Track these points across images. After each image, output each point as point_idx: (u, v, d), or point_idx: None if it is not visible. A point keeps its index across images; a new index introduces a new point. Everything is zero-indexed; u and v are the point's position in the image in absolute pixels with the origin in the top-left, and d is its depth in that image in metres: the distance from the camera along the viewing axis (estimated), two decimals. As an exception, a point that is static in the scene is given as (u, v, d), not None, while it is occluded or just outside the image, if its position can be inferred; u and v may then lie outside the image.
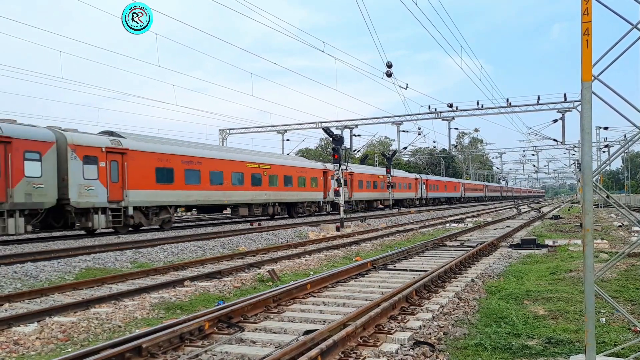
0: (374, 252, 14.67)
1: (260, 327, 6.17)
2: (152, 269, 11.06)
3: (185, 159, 22.88)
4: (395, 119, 45.67)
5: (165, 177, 21.61)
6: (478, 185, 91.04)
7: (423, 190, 56.74)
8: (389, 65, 23.52)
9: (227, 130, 48.42)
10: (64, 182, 17.41)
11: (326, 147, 75.66)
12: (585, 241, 3.88)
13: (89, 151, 18.21)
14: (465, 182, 79.11)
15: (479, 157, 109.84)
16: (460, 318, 6.55)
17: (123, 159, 19.50)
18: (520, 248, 14.49)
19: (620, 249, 13.23)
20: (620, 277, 9.10)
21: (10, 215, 15.95)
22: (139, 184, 20.07)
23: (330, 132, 24.83)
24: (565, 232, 20.37)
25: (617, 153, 5.11)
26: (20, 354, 5.57)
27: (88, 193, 18.04)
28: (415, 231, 22.11)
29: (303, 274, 10.71)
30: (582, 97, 3.85)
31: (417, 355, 4.97)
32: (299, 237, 19.41)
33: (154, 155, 21.11)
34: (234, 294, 8.88)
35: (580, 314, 6.41)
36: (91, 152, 18.29)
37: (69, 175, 17.45)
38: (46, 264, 11.34)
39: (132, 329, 6.49)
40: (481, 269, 10.71)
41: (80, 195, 17.79)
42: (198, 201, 23.94)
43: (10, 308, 7.75)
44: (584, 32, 3.77)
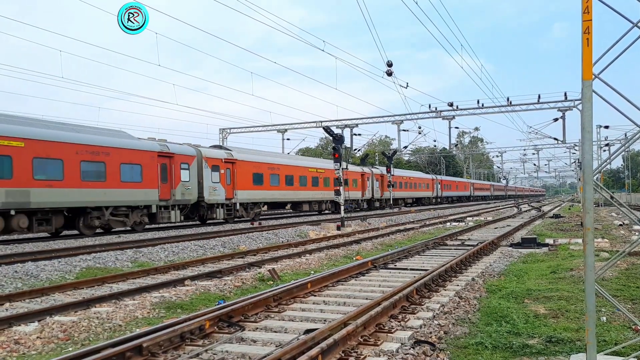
0: (375, 251, 14.67)
1: (261, 327, 6.17)
2: (153, 268, 11.07)
3: (270, 165, 29.52)
4: (396, 118, 45.59)
5: (258, 180, 28.26)
6: (485, 185, 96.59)
7: (438, 190, 62.31)
8: (389, 64, 23.51)
9: (227, 129, 48.40)
10: (200, 185, 23.52)
11: (326, 146, 75.64)
12: (585, 240, 3.88)
13: (215, 162, 24.75)
14: (474, 182, 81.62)
15: (479, 156, 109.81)
16: (461, 317, 6.55)
17: (233, 167, 26.09)
18: (521, 247, 14.49)
19: (621, 247, 13.23)
20: (621, 275, 9.10)
21: (172, 209, 22.28)
22: (243, 186, 26.67)
23: (330, 132, 24.82)
24: (565, 231, 20.36)
25: (618, 152, 5.11)
26: (21, 353, 5.58)
27: (214, 193, 24.48)
28: (416, 230, 22.11)
29: (304, 273, 10.71)
30: (582, 96, 3.84)
31: (417, 354, 4.97)
32: (300, 236, 19.42)
33: (251, 164, 27.87)
34: (235, 293, 8.88)
35: (581, 313, 6.41)
36: (216, 162, 24.83)
37: (204, 179, 23.75)
38: (47, 264, 11.35)
39: (133, 328, 6.49)
40: (482, 268, 10.71)
41: (210, 194, 24.21)
42: (277, 198, 30.61)
43: (11, 307, 7.76)
44: (585, 31, 3.77)
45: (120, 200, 19.84)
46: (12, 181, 16.04)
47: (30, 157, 16.58)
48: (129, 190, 20.11)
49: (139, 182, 20.62)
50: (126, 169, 20.00)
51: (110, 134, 21.00)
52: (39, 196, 16.74)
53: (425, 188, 58.21)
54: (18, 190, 16.16)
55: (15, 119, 17.94)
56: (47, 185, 17.01)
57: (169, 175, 21.72)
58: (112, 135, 20.87)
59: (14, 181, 16.07)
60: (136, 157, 20.51)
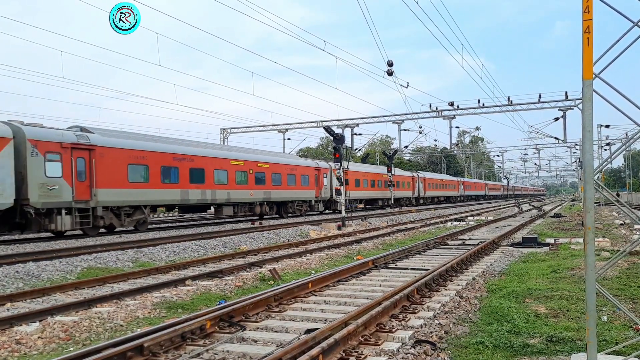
0: (375, 251, 14.67)
1: (262, 326, 6.17)
2: (154, 268, 11.07)
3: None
4: (396, 117, 45.59)
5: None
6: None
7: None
8: (389, 63, 23.48)
9: (228, 129, 48.44)
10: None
11: (327, 145, 75.61)
12: (586, 239, 3.88)
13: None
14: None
15: (480, 156, 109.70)
16: (462, 316, 6.55)
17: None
18: (522, 246, 14.48)
19: (622, 247, 13.21)
20: (622, 275, 9.10)
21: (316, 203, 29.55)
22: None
23: (331, 131, 24.81)
24: (566, 231, 20.35)
25: (619, 151, 5.10)
26: (23, 353, 5.58)
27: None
28: (417, 230, 22.10)
29: (304, 273, 10.72)
30: (583, 95, 3.84)
31: (418, 354, 4.97)
32: (300, 236, 19.42)
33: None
34: (236, 293, 8.89)
35: (582, 312, 6.41)
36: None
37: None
38: (48, 264, 11.36)
39: (134, 328, 6.50)
40: (482, 267, 10.71)
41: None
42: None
43: (12, 307, 7.77)
44: (585, 30, 3.76)
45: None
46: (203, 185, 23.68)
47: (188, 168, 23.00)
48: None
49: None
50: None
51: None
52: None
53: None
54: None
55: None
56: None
57: (314, 181, 19.91)
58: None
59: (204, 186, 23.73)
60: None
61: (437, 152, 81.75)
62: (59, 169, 17.48)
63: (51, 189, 17.18)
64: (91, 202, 18.41)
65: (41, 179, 16.91)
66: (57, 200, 17.30)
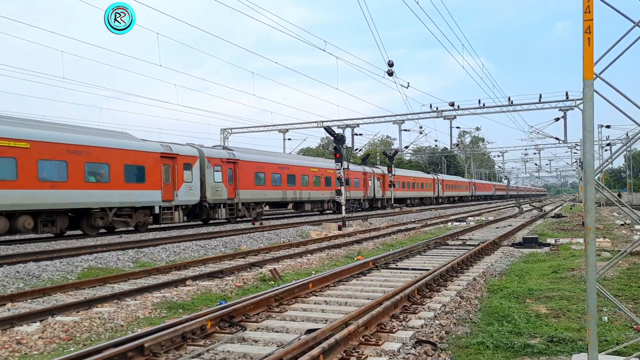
0: (376, 251, 14.67)
1: (262, 326, 6.17)
2: (154, 269, 11.07)
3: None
4: (397, 118, 45.56)
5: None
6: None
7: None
8: (390, 64, 23.49)
9: (228, 129, 48.42)
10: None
11: (327, 146, 75.60)
12: (587, 239, 3.87)
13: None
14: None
15: (480, 156, 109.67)
16: (462, 317, 6.55)
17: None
18: (522, 247, 14.47)
19: (623, 247, 13.21)
20: (623, 275, 9.09)
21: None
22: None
23: (331, 132, 24.80)
24: (567, 231, 20.34)
25: (619, 151, 5.10)
26: (23, 353, 5.59)
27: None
28: (417, 230, 22.10)
29: (305, 273, 10.71)
30: (583, 96, 3.83)
31: (419, 354, 4.97)
32: (301, 236, 19.42)
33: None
34: (236, 293, 8.89)
35: (583, 313, 6.40)
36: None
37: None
38: (48, 264, 11.36)
39: (135, 329, 6.50)
40: (483, 267, 10.71)
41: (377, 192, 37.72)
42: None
43: (13, 308, 7.77)
44: (586, 30, 3.76)
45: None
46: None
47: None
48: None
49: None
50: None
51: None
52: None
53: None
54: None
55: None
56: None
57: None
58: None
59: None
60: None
61: (437, 153, 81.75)
62: (220, 176, 25.09)
63: (217, 190, 24.77)
64: (235, 199, 26.09)
65: (212, 184, 24.44)
66: (220, 198, 25.06)
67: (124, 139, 20.83)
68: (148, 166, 20.72)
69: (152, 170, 20.86)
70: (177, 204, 22.26)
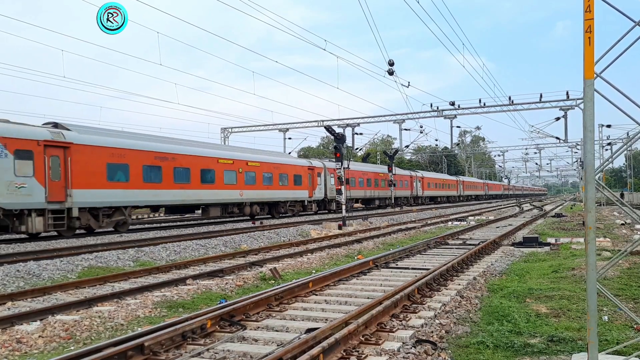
0: (376, 251, 14.67)
1: (263, 326, 6.18)
2: (155, 268, 11.08)
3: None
4: (397, 117, 45.57)
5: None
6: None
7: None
8: (390, 63, 23.48)
9: (229, 129, 48.44)
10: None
11: (328, 145, 75.60)
12: (587, 239, 3.87)
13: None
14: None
15: (481, 156, 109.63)
16: (463, 316, 6.55)
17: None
18: (523, 246, 14.47)
19: (623, 247, 13.20)
20: (623, 275, 9.09)
21: None
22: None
23: (332, 131, 24.81)
24: (567, 230, 20.33)
25: (620, 151, 5.09)
26: (23, 352, 5.59)
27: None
28: (417, 229, 22.09)
29: (305, 273, 10.72)
30: (584, 95, 3.83)
31: (419, 354, 4.97)
32: (301, 235, 19.43)
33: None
34: (236, 292, 8.89)
35: (583, 312, 6.40)
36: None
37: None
38: (49, 263, 11.37)
39: (135, 328, 6.51)
40: (483, 267, 10.70)
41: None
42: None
43: (13, 306, 7.78)
44: (587, 30, 3.76)
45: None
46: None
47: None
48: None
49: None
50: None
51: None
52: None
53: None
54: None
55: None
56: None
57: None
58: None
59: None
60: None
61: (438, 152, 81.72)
62: (322, 180, 34.83)
63: (320, 190, 34.50)
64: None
65: (328, 187, 35.20)
66: (320, 197, 34.72)
67: (288, 157, 33.30)
68: (303, 175, 32.26)
69: (304, 178, 32.33)
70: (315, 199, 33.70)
